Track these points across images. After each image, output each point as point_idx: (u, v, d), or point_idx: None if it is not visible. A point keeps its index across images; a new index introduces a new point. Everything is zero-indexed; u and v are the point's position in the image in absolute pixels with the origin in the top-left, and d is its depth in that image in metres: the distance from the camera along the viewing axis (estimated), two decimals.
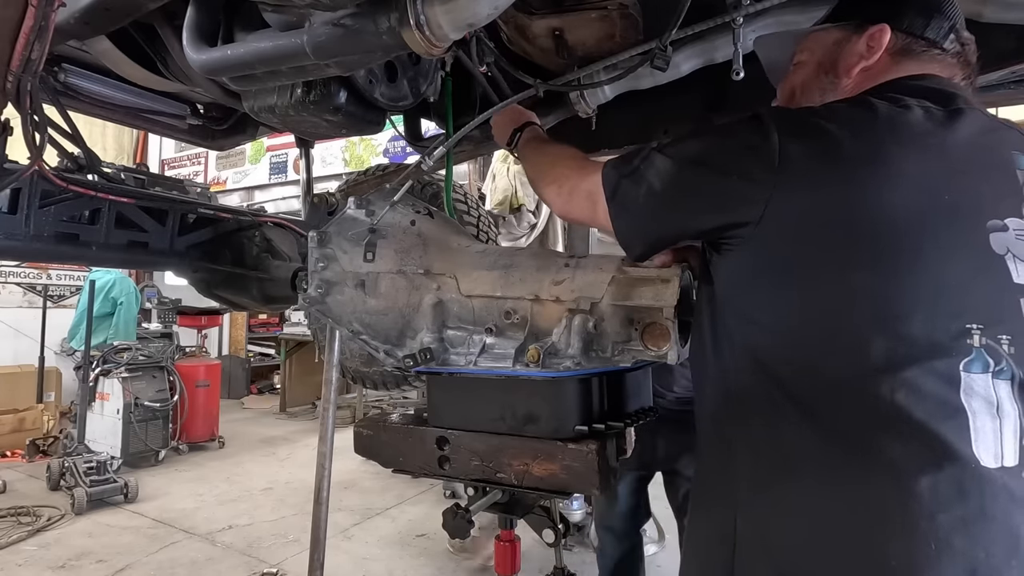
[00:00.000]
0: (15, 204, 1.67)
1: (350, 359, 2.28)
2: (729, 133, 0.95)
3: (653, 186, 0.96)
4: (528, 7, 1.33)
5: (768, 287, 0.87)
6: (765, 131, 0.86)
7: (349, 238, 1.40)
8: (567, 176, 1.16)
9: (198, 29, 1.29)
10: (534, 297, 1.24)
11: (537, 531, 1.39)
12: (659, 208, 0.98)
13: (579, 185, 1.11)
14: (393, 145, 6.89)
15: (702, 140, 0.98)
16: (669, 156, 0.97)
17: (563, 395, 1.10)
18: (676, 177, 0.95)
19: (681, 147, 0.98)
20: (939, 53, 0.95)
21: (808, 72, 1.04)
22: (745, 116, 0.93)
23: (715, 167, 0.91)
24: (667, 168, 0.95)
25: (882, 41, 0.94)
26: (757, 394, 0.87)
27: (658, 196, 0.96)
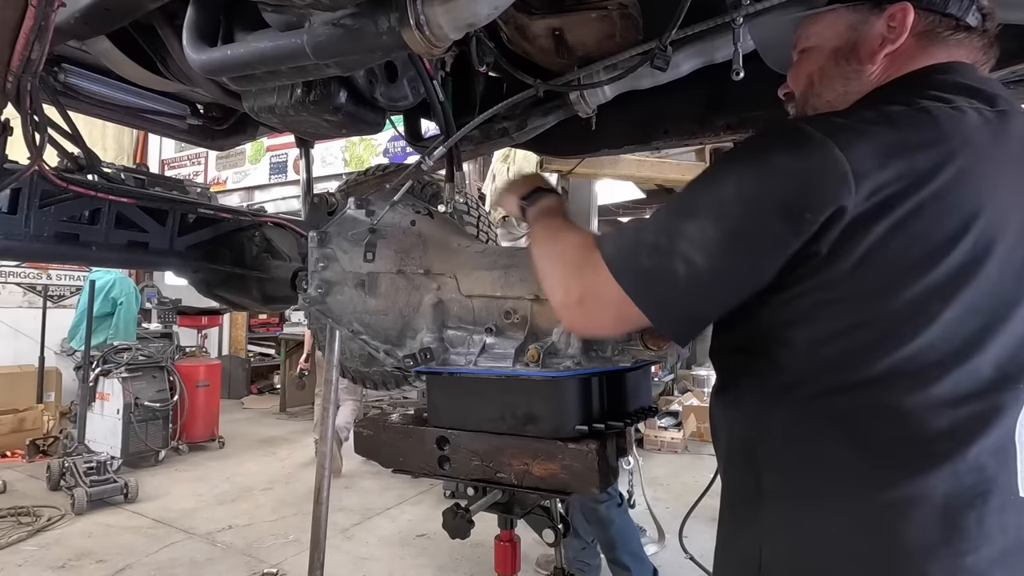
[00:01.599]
0: (15, 204, 1.67)
1: (350, 359, 2.28)
2: (768, 156, 0.79)
3: (693, 261, 0.78)
4: (528, 7, 1.33)
5: (832, 316, 0.79)
6: (823, 147, 0.75)
7: (349, 238, 1.40)
8: (570, 278, 0.93)
9: (198, 29, 1.29)
10: (534, 297, 1.24)
11: (537, 531, 1.39)
12: (711, 283, 0.80)
13: (591, 292, 0.88)
14: (393, 145, 6.89)
15: (735, 176, 0.80)
16: (699, 213, 0.80)
17: (563, 395, 1.10)
18: (722, 237, 0.78)
19: (710, 196, 0.82)
20: (964, 35, 0.88)
21: (824, 58, 0.95)
22: (778, 132, 0.82)
23: (769, 203, 0.77)
24: (704, 230, 0.79)
25: (905, 22, 0.86)
26: (802, 421, 0.81)
27: (705, 271, 0.78)
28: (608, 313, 0.87)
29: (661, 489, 4.73)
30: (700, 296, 0.82)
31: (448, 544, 3.65)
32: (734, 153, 0.86)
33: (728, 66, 1.13)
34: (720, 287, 0.81)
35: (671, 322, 0.84)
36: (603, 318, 0.89)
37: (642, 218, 0.93)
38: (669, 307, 0.83)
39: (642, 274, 0.83)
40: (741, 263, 0.79)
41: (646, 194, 6.56)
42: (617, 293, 0.83)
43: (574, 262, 0.94)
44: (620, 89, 1.43)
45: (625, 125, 1.80)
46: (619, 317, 0.87)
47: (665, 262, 0.80)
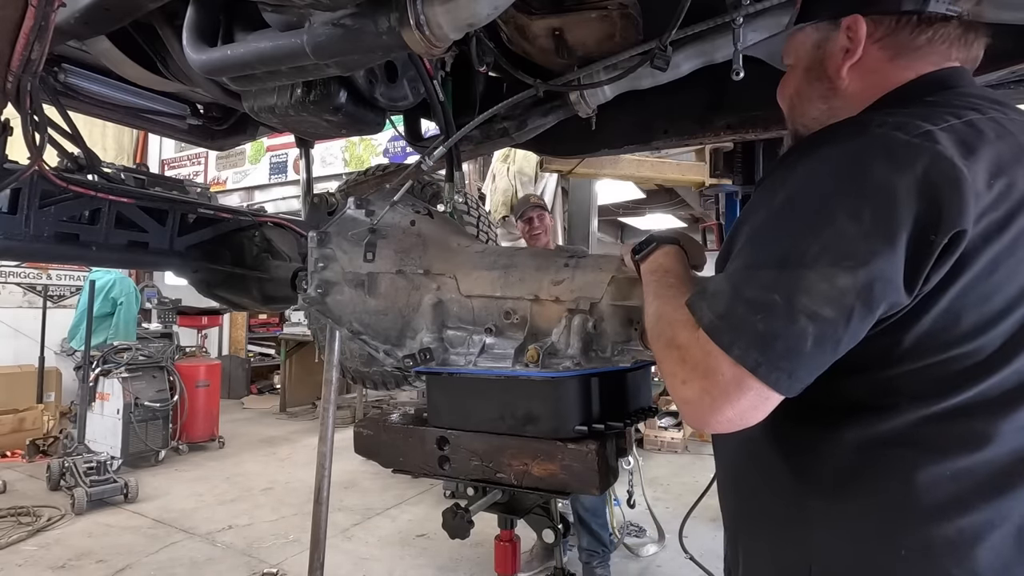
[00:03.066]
0: (15, 204, 1.67)
1: (350, 359, 2.28)
2: (874, 175, 0.71)
3: (822, 317, 0.70)
4: (528, 7, 1.33)
5: (916, 349, 0.75)
6: (936, 156, 0.70)
7: (349, 238, 1.40)
8: (686, 368, 0.79)
9: (198, 29, 1.29)
10: (534, 297, 1.24)
11: (537, 531, 1.39)
12: (841, 338, 0.71)
13: (712, 379, 0.75)
14: (393, 145, 6.89)
15: (845, 207, 0.71)
16: (815, 259, 0.71)
17: (562, 395, 1.10)
18: (857, 284, 0.69)
19: (821, 237, 0.72)
20: (932, 32, 0.84)
21: (799, 78, 0.96)
22: (864, 143, 0.75)
23: (900, 232, 0.69)
24: (830, 279, 0.70)
25: (859, 32, 0.85)
26: (873, 447, 0.77)
27: (838, 324, 0.70)
28: (743, 401, 0.73)
29: (661, 489, 4.73)
30: (829, 351, 0.72)
31: (448, 544, 3.65)
32: (819, 175, 0.76)
33: (728, 66, 1.13)
34: (851, 338, 0.72)
35: (799, 383, 0.73)
36: (740, 407, 0.74)
37: (722, 275, 0.81)
38: (798, 373, 0.72)
39: (762, 341, 0.72)
40: (879, 308, 0.71)
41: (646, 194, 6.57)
42: (740, 375, 0.72)
43: (685, 345, 0.80)
44: (620, 89, 1.43)
45: (625, 125, 1.80)
46: (754, 401, 0.74)
47: (786, 323, 0.71)
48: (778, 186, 0.81)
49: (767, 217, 0.80)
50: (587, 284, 1.20)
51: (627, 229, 10.08)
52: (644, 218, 8.58)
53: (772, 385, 0.72)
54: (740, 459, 0.95)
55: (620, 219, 9.18)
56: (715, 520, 1.98)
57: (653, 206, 7.60)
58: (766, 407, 0.75)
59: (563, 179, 4.78)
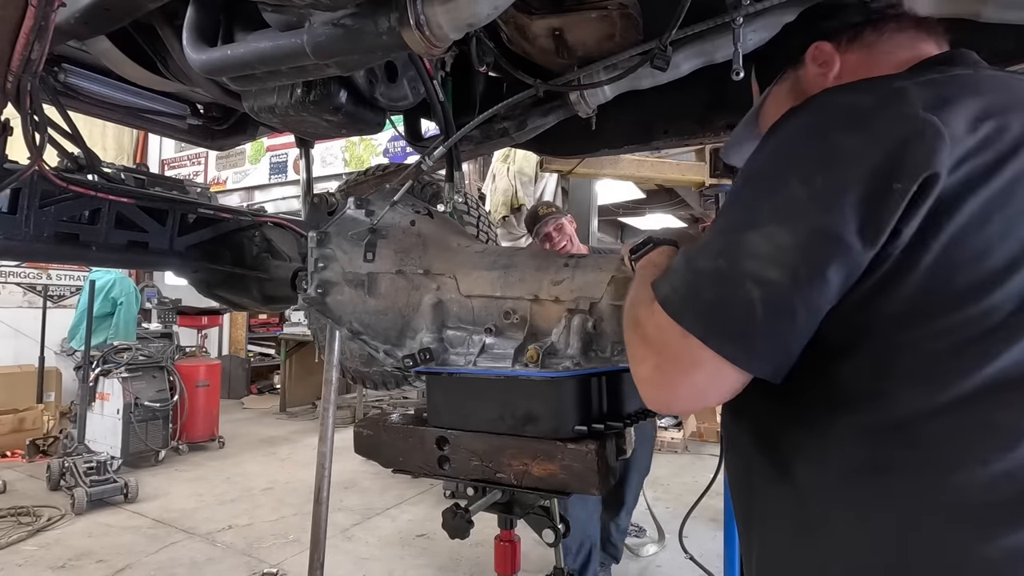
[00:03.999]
0: (15, 204, 1.66)
1: (350, 359, 2.28)
2: (829, 132, 0.69)
3: (768, 280, 0.66)
4: (528, 7, 1.33)
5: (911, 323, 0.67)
6: (899, 106, 0.67)
7: (349, 238, 1.40)
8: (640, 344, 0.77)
9: (198, 29, 1.29)
10: (533, 297, 1.24)
11: (537, 531, 1.39)
12: (793, 302, 0.66)
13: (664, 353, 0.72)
14: (393, 145, 6.89)
15: (793, 168, 0.69)
16: (760, 222, 0.68)
17: (562, 395, 1.10)
18: (799, 241, 0.65)
19: (768, 199, 0.69)
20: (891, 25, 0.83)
21: None
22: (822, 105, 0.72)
23: (850, 183, 0.65)
24: (773, 239, 0.66)
25: (823, 49, 0.84)
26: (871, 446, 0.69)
27: (785, 287, 0.65)
28: (696, 375, 0.69)
29: (661, 489, 4.73)
30: (784, 319, 0.66)
31: (448, 544, 3.65)
32: (774, 145, 0.74)
33: (728, 66, 1.13)
34: (806, 304, 0.66)
35: (760, 360, 0.67)
36: (694, 383, 0.70)
37: (689, 247, 0.78)
38: (752, 343, 0.67)
39: (707, 310, 0.68)
40: (828, 268, 0.65)
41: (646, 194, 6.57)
42: (691, 345, 0.68)
43: (644, 323, 0.76)
44: (620, 89, 1.43)
45: (625, 125, 1.80)
46: (709, 375, 0.69)
47: (732, 289, 0.67)
48: (748, 162, 0.78)
49: (731, 192, 0.78)
50: (587, 284, 1.20)
51: (627, 229, 10.08)
52: (644, 218, 8.58)
53: (729, 357, 0.67)
54: (747, 454, 0.87)
55: (620, 219, 9.18)
56: (715, 520, 1.98)
57: (653, 206, 7.60)
58: (724, 383, 0.69)
59: (563, 179, 4.78)
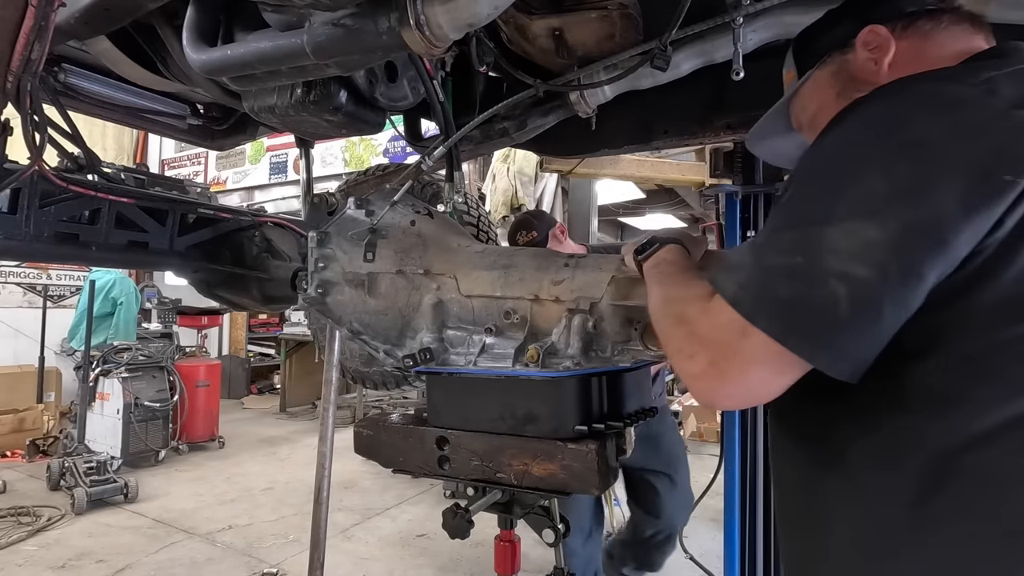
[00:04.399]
0: (15, 204, 1.66)
1: (350, 359, 2.28)
2: (918, 124, 0.66)
3: (854, 276, 0.63)
4: (528, 7, 1.33)
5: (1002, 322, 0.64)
6: (991, 100, 0.65)
7: (349, 238, 1.40)
8: (693, 340, 0.75)
9: (198, 29, 1.29)
10: (534, 297, 1.24)
11: (537, 531, 1.39)
12: (882, 299, 0.63)
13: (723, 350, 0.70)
14: (393, 145, 6.89)
15: (877, 161, 0.66)
16: (841, 216, 0.65)
17: (562, 395, 1.10)
18: (890, 235, 0.63)
19: (849, 192, 0.66)
20: (946, 22, 0.81)
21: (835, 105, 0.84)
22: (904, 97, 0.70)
23: (951, 173, 0.63)
24: (859, 234, 0.64)
25: (878, 33, 0.82)
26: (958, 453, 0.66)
27: (873, 284, 0.63)
28: (753, 372, 0.68)
29: None
30: (871, 318, 0.64)
31: (448, 544, 3.65)
32: (845, 135, 0.72)
33: (728, 66, 1.14)
34: (896, 301, 0.63)
35: (842, 360, 0.65)
36: (749, 380, 0.69)
37: (753, 241, 0.76)
38: (835, 343, 0.64)
39: (785, 308, 0.66)
40: (923, 264, 0.62)
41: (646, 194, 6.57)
42: (758, 342, 0.66)
43: (693, 318, 0.76)
44: (620, 89, 1.44)
45: (625, 125, 1.80)
46: (770, 372, 0.68)
47: (813, 287, 0.64)
48: (808, 157, 0.76)
49: (794, 185, 0.75)
50: (587, 284, 1.20)
51: (627, 229, 10.08)
52: (644, 218, 8.58)
53: (807, 357, 0.65)
54: (794, 457, 0.84)
55: (620, 219, 9.18)
56: (715, 520, 1.99)
57: (653, 206, 7.61)
58: (783, 381, 0.68)
59: (563, 179, 4.78)
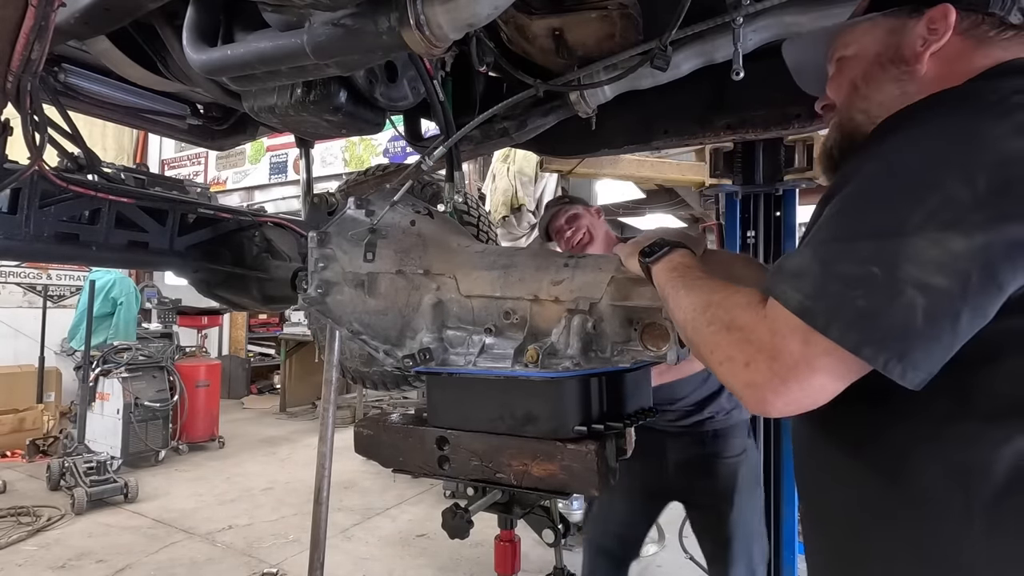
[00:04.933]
0: (15, 204, 1.66)
1: (350, 359, 2.28)
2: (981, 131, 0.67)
3: (934, 287, 0.63)
4: (528, 7, 1.33)
5: None
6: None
7: (349, 238, 1.40)
8: (751, 349, 0.74)
9: (198, 29, 1.29)
10: (533, 297, 1.24)
11: (537, 531, 1.39)
12: (960, 311, 0.63)
13: (788, 360, 0.70)
14: (393, 145, 6.89)
15: (950, 169, 0.66)
16: (917, 225, 0.65)
17: (562, 395, 1.10)
18: (972, 246, 0.62)
19: (923, 200, 0.66)
20: (1013, 33, 0.82)
21: (866, 64, 0.90)
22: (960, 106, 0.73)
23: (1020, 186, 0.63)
24: (941, 244, 0.63)
25: (948, 21, 0.82)
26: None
27: (954, 295, 0.63)
28: (817, 379, 0.68)
29: None
30: (946, 328, 0.64)
31: (448, 544, 3.65)
32: (925, 145, 0.71)
33: (728, 66, 1.13)
34: (974, 311, 0.64)
35: (914, 369, 0.64)
36: (811, 387, 0.69)
37: (804, 250, 0.75)
38: (909, 352, 0.64)
39: (861, 320, 0.65)
40: (1003, 274, 0.63)
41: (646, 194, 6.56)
42: (827, 352, 0.67)
43: (748, 327, 0.75)
44: (620, 89, 1.44)
45: (625, 125, 1.80)
46: (832, 379, 0.68)
47: (890, 297, 0.64)
48: (868, 160, 0.75)
49: (857, 189, 0.73)
50: (586, 284, 1.20)
51: (627, 229, 10.08)
52: (644, 218, 8.58)
53: (881, 367, 0.65)
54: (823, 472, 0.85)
55: (620, 219, 9.18)
56: None
57: (653, 206, 7.60)
58: (837, 388, 0.69)
59: (563, 179, 4.77)
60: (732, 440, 1.97)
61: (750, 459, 2.01)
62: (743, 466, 1.96)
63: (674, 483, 1.99)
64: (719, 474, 1.95)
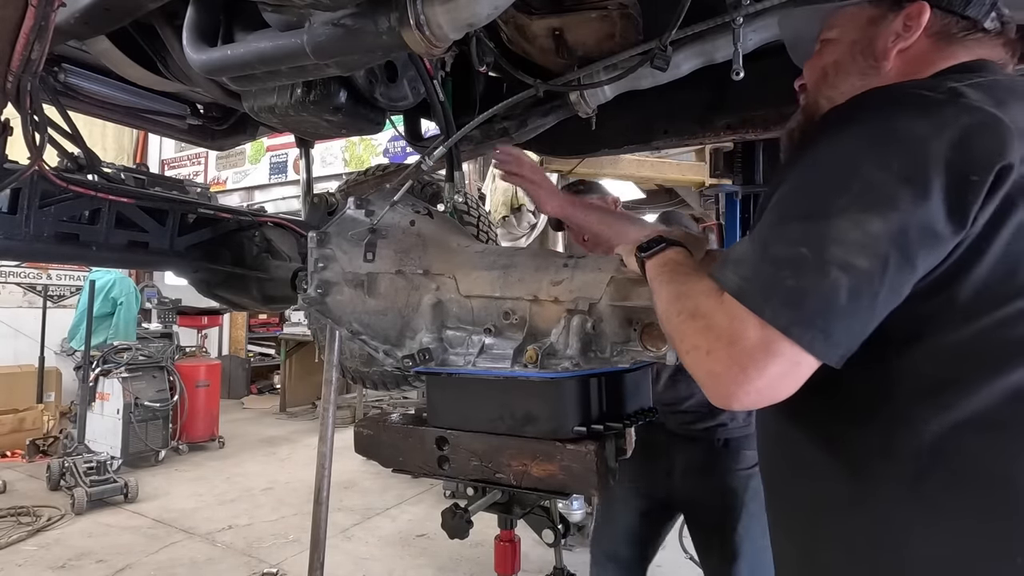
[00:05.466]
0: (15, 204, 1.66)
1: (350, 359, 2.28)
2: (900, 124, 0.72)
3: (856, 267, 0.67)
4: (528, 7, 1.33)
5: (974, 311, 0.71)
6: (964, 104, 0.71)
7: (349, 238, 1.40)
8: (709, 337, 0.75)
9: (198, 29, 1.30)
10: (533, 297, 1.24)
11: (537, 531, 1.39)
12: (878, 290, 0.68)
13: (741, 346, 0.70)
14: (393, 145, 6.89)
15: (872, 157, 0.71)
16: (842, 209, 0.69)
17: (561, 396, 1.10)
18: (889, 228, 0.67)
19: (847, 187, 0.70)
20: (980, 35, 0.86)
21: (841, 51, 0.93)
22: (889, 100, 0.77)
23: (933, 174, 0.67)
24: (861, 226, 0.67)
25: (920, 20, 0.85)
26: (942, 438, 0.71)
27: (874, 274, 0.67)
28: (774, 367, 0.68)
29: None
30: (865, 306, 0.68)
31: (448, 544, 3.64)
32: (844, 135, 0.76)
33: (728, 66, 1.13)
34: (891, 290, 0.68)
35: (834, 347, 0.68)
36: (769, 376, 0.69)
37: (746, 238, 0.80)
38: (830, 330, 0.67)
39: (792, 298, 0.68)
40: (918, 255, 0.67)
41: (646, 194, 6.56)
42: (769, 336, 0.68)
43: (709, 313, 0.76)
44: (620, 89, 1.44)
45: (625, 125, 1.80)
46: (788, 366, 0.69)
47: (817, 277, 0.67)
48: (805, 152, 0.80)
49: (792, 180, 0.78)
50: (586, 284, 1.20)
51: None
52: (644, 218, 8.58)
53: (806, 347, 0.67)
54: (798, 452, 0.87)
55: None
56: None
57: (653, 206, 7.60)
58: (797, 374, 0.69)
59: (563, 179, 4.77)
60: (745, 452, 1.86)
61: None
62: (754, 479, 1.83)
63: (679, 491, 1.92)
64: (727, 486, 1.84)
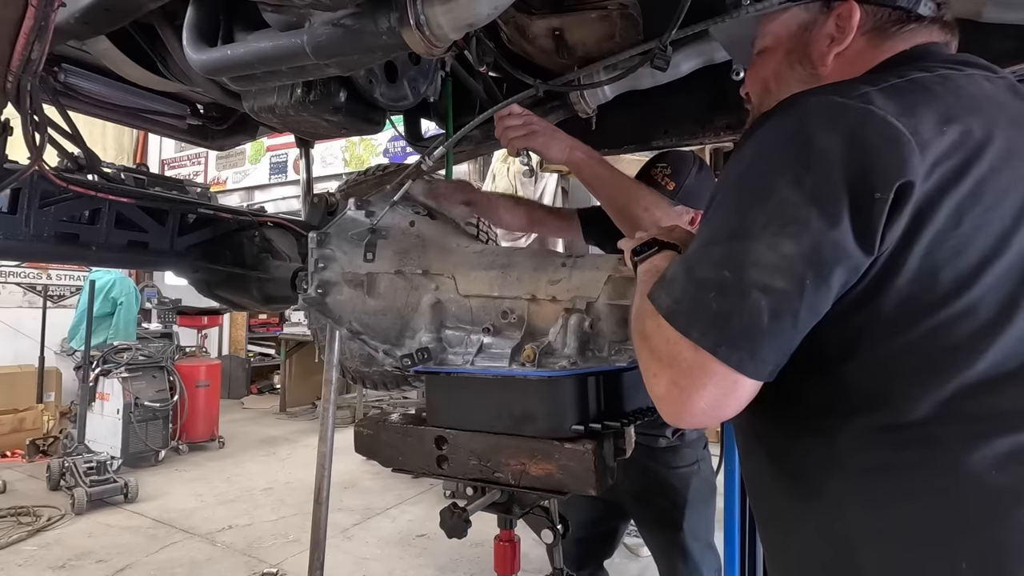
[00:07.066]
0: (15, 204, 1.66)
1: (350, 359, 2.28)
2: (810, 139, 0.70)
3: (774, 288, 0.68)
4: (528, 7, 1.34)
5: (897, 327, 0.70)
6: (868, 114, 0.69)
7: (349, 239, 1.40)
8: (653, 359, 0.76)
9: (198, 29, 1.30)
10: (531, 297, 1.24)
11: (536, 531, 1.39)
12: (798, 310, 0.68)
13: (679, 367, 0.72)
14: (393, 145, 6.89)
15: (785, 175, 0.70)
16: (760, 230, 0.69)
17: (559, 395, 1.10)
18: (803, 250, 0.67)
19: (763, 207, 0.70)
20: (915, 25, 0.84)
21: (778, 61, 0.92)
22: (801, 109, 0.73)
23: (840, 193, 0.67)
24: (777, 248, 0.68)
25: (852, 21, 0.83)
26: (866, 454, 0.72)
27: (792, 295, 0.68)
28: (711, 388, 0.70)
29: None
30: (787, 325, 0.69)
31: (448, 544, 3.64)
32: (758, 150, 0.75)
33: (728, 66, 1.14)
34: (810, 309, 0.69)
35: (762, 364, 0.69)
36: (708, 397, 0.70)
37: (686, 254, 0.79)
38: (757, 349, 0.68)
39: (715, 322, 0.69)
40: (832, 275, 0.68)
41: None
42: (702, 358, 0.69)
43: (652, 336, 0.76)
44: (620, 89, 1.44)
45: (625, 125, 1.80)
46: (722, 386, 0.70)
47: (739, 299, 0.69)
48: (731, 166, 0.79)
49: (719, 196, 0.78)
50: (584, 283, 1.20)
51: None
52: None
53: (735, 367, 0.68)
54: (760, 465, 0.88)
55: None
56: (715, 520, 1.99)
57: None
58: (738, 393, 0.70)
59: (563, 179, 4.78)
60: (684, 450, 1.91)
61: (702, 471, 1.95)
62: (696, 477, 1.91)
63: (625, 492, 1.93)
64: (669, 484, 1.89)
